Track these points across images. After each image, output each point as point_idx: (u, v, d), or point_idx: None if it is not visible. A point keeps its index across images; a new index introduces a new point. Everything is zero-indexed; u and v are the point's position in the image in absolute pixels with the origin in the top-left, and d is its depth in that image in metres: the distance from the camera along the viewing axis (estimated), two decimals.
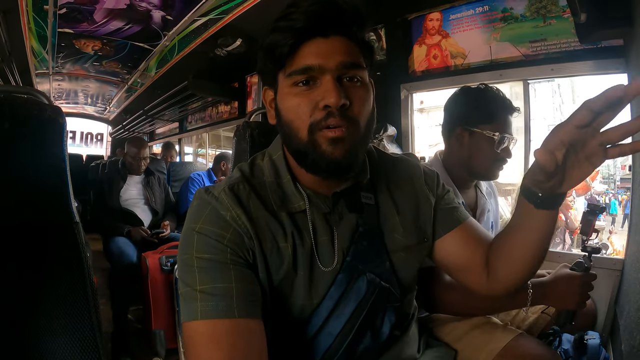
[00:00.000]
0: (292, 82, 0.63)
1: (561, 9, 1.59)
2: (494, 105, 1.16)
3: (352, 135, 0.62)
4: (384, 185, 0.76)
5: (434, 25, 2.00)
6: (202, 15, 2.38)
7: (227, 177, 0.72)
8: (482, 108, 1.16)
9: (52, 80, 4.43)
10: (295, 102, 0.63)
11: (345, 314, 0.67)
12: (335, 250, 0.68)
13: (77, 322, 0.90)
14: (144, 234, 2.54)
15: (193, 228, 0.63)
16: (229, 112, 4.12)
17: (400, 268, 0.74)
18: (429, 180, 0.80)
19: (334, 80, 0.61)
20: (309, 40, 0.61)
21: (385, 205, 0.75)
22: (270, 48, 0.63)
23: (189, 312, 0.59)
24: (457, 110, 1.21)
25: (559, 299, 0.92)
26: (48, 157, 0.96)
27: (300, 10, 0.60)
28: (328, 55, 0.61)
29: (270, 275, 0.64)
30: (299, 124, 0.63)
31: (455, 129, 1.19)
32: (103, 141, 9.36)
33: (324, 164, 0.62)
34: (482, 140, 1.15)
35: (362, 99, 0.63)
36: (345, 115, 0.61)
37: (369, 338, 0.70)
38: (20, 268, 0.86)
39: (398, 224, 0.74)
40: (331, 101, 0.59)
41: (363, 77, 0.64)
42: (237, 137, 1.08)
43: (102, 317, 2.44)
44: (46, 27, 2.66)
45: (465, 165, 1.18)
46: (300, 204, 0.67)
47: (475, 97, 1.18)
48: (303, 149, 0.64)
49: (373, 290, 0.69)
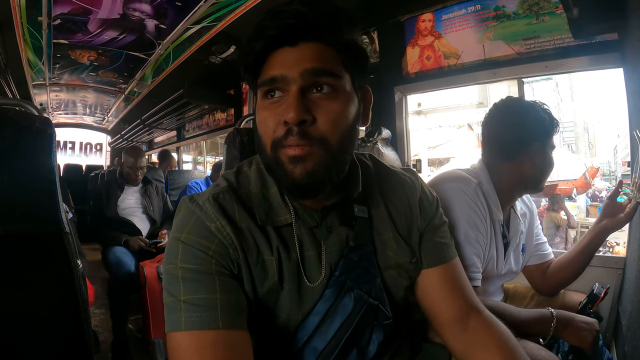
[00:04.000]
0: (262, 93, 0.60)
1: (554, 5, 1.58)
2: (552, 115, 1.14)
3: (315, 154, 0.58)
4: (379, 198, 0.73)
5: (426, 26, 2.00)
6: (195, 23, 2.38)
7: (212, 184, 0.70)
8: (552, 120, 1.13)
9: (49, 92, 4.43)
10: (263, 116, 0.60)
11: (330, 331, 0.64)
12: (322, 265, 0.66)
13: (67, 333, 0.89)
14: (141, 243, 2.53)
15: (178, 238, 0.61)
16: (226, 119, 4.12)
17: (391, 285, 0.71)
18: (426, 203, 0.76)
19: (296, 92, 0.57)
20: (277, 50, 0.58)
21: (379, 220, 0.71)
22: (242, 57, 0.61)
23: (173, 322, 0.57)
24: (533, 126, 1.11)
25: (577, 337, 0.98)
26: (37, 167, 0.95)
27: (272, 17, 0.58)
28: (293, 64, 0.57)
29: (255, 288, 0.63)
30: (265, 139, 0.60)
31: (532, 147, 1.11)
32: (102, 151, 9.38)
33: (286, 182, 0.60)
34: (550, 153, 1.13)
35: (332, 113, 0.58)
36: (306, 133, 0.57)
37: (355, 356, 0.66)
38: (8, 279, 0.85)
39: (392, 240, 0.71)
40: (289, 117, 0.55)
41: (337, 86, 0.59)
42: (228, 144, 1.07)
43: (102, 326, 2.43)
44: (41, 39, 2.66)
45: (531, 181, 1.13)
46: (287, 217, 0.65)
47: (542, 110, 1.13)
48: (269, 165, 0.62)
49: (360, 307, 0.66)
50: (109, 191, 2.70)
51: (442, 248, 0.75)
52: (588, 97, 22.33)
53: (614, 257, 1.42)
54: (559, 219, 5.08)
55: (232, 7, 2.14)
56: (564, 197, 6.05)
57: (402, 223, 0.73)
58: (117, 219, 2.63)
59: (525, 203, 1.27)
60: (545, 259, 1.28)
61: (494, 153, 1.15)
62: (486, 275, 1.09)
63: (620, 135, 16.42)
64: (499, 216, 1.10)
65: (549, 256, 1.29)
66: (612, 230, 1.16)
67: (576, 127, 17.59)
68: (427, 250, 0.74)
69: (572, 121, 17.34)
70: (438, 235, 0.75)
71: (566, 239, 4.96)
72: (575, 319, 1.01)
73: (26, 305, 0.85)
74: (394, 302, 0.71)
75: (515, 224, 1.19)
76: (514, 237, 1.17)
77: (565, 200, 6.04)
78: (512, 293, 1.37)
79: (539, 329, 1.00)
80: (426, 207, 0.75)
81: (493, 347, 0.69)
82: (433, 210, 0.76)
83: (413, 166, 2.18)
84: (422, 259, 0.74)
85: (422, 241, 0.74)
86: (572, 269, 1.21)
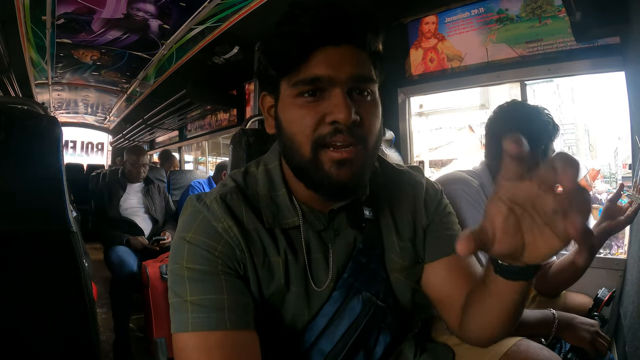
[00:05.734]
0: (297, 92, 0.57)
1: (557, 9, 1.59)
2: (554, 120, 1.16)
3: (359, 156, 0.58)
4: (384, 200, 0.72)
5: (429, 28, 2.00)
6: (198, 23, 2.39)
7: (219, 184, 0.69)
8: (554, 125, 1.14)
9: (51, 91, 4.45)
10: (299, 114, 0.58)
11: (337, 333, 0.65)
12: (330, 267, 0.65)
13: (74, 332, 0.90)
14: (144, 242, 2.53)
15: (184, 237, 0.61)
16: (228, 119, 4.12)
17: (397, 288, 0.70)
18: (427, 199, 0.74)
19: (344, 93, 0.56)
20: (319, 49, 0.56)
21: (385, 222, 0.71)
22: (273, 54, 0.59)
23: (180, 323, 0.57)
24: (538, 131, 1.12)
25: (576, 337, 1.01)
26: (44, 167, 0.96)
27: (308, 14, 0.55)
28: (339, 66, 0.56)
29: (261, 289, 0.62)
30: (301, 139, 0.58)
31: (536, 151, 1.11)
32: (104, 150, 9.38)
33: (327, 185, 0.58)
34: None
35: (372, 116, 0.59)
36: (354, 133, 0.56)
37: (361, 358, 0.66)
38: (15, 278, 0.86)
39: (395, 244, 0.70)
40: (341, 117, 0.54)
41: (374, 91, 0.60)
42: (234, 145, 1.07)
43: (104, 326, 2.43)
44: (44, 38, 2.67)
45: None
46: (295, 220, 0.64)
47: (546, 114, 1.15)
48: (305, 167, 0.59)
49: (368, 309, 0.66)
50: (111, 191, 2.71)
51: (448, 239, 0.72)
52: (589, 99, 22.29)
53: (615, 259, 1.43)
54: None
55: (236, 7, 2.15)
56: None
57: (407, 225, 0.72)
58: (119, 218, 2.63)
59: None
60: None
61: (497, 155, 1.16)
62: None
63: (621, 138, 16.38)
64: None
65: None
66: (612, 232, 1.17)
67: (577, 129, 17.58)
68: (432, 244, 0.72)
69: (572, 123, 17.32)
70: (443, 227, 0.74)
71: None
72: (575, 320, 1.03)
73: (34, 304, 0.86)
74: (401, 305, 0.71)
75: None
76: None
77: None
78: None
79: (542, 330, 1.02)
80: (429, 202, 0.74)
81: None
82: (435, 204, 0.75)
83: None
84: (427, 254, 0.72)
85: (427, 236, 0.73)
86: (573, 271, 1.22)
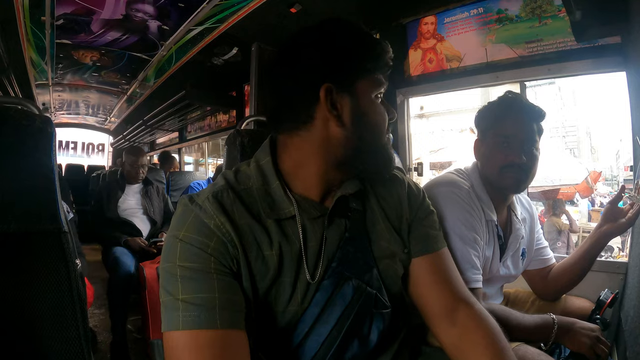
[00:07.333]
0: (377, 93, 0.69)
1: (556, 8, 1.58)
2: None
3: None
4: (371, 192, 0.77)
5: (428, 29, 2.00)
6: (197, 24, 2.39)
7: (211, 184, 0.71)
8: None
9: (52, 91, 4.45)
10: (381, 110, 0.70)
11: (331, 320, 0.66)
12: (321, 256, 0.68)
13: (64, 334, 0.88)
14: (141, 244, 2.52)
15: (176, 236, 0.62)
16: (228, 120, 4.13)
17: (387, 275, 0.73)
18: (411, 196, 0.80)
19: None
20: None
21: (373, 212, 0.75)
22: (377, 56, 0.68)
23: (171, 321, 0.58)
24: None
25: (576, 343, 0.99)
26: (37, 166, 0.95)
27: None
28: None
29: (255, 284, 0.63)
30: (383, 129, 0.71)
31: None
32: (105, 151, 9.41)
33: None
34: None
35: None
36: None
37: (357, 345, 0.68)
38: (4, 278, 0.85)
39: (384, 231, 0.75)
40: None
41: None
42: (228, 145, 1.07)
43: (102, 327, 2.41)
44: (44, 38, 2.67)
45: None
46: (290, 210, 0.67)
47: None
48: (379, 149, 0.71)
49: (359, 296, 0.68)
50: (110, 192, 2.70)
51: (429, 236, 0.78)
52: (591, 102, 22.36)
53: (616, 262, 1.41)
54: (561, 224, 5.07)
55: (235, 8, 2.15)
56: (565, 201, 6.03)
57: (393, 215, 0.77)
58: (118, 219, 2.63)
59: (526, 207, 1.27)
60: (547, 263, 1.27)
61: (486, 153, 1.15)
62: (483, 277, 1.08)
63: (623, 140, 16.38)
64: (492, 217, 1.10)
65: (550, 261, 1.28)
66: (613, 235, 1.15)
67: (579, 131, 17.57)
68: (415, 239, 0.77)
69: (574, 126, 17.31)
70: (425, 224, 0.79)
71: (568, 243, 4.94)
72: (575, 325, 1.01)
73: (22, 304, 0.85)
74: (391, 291, 0.73)
75: (515, 228, 1.18)
76: (514, 242, 1.17)
77: (567, 205, 6.02)
78: (513, 298, 1.36)
79: (541, 335, 1.00)
80: (412, 199, 0.80)
81: (480, 345, 0.69)
82: (419, 202, 0.80)
83: (415, 169, 2.18)
84: (411, 248, 0.77)
85: (411, 231, 0.78)
86: (573, 274, 1.21)
